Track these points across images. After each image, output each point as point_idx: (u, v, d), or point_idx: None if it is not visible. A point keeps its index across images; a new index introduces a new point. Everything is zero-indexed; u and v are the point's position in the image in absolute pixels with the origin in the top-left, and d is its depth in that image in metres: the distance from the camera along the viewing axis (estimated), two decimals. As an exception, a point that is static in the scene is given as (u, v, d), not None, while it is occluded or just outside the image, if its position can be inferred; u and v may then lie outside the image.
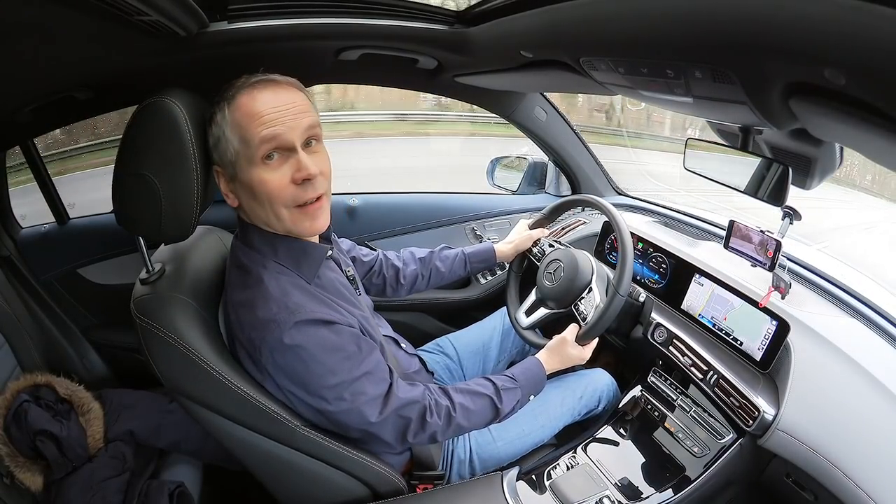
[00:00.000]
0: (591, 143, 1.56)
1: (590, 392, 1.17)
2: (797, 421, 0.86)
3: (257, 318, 0.72)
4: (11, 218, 1.41)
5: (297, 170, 0.72)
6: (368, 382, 0.77)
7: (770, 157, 0.78)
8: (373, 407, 0.78)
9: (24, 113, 1.04)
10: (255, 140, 0.70)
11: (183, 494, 1.06)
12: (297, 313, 0.71)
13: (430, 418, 0.83)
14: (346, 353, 0.75)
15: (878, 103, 0.42)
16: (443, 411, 0.86)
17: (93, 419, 1.13)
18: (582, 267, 1.06)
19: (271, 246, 0.77)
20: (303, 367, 0.72)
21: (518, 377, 0.96)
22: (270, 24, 0.90)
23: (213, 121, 0.74)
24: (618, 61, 0.69)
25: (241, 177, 0.73)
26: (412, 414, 0.82)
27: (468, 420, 0.88)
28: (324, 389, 0.74)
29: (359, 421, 0.78)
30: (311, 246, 0.80)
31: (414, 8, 0.94)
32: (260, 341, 0.71)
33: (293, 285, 0.75)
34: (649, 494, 0.97)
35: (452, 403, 0.87)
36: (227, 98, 0.73)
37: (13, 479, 1.00)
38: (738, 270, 1.07)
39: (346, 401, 0.75)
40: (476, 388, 0.92)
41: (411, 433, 0.82)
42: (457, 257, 1.22)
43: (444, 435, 0.86)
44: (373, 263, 1.15)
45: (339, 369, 0.74)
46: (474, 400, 0.90)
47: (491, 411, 0.91)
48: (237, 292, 0.76)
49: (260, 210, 0.75)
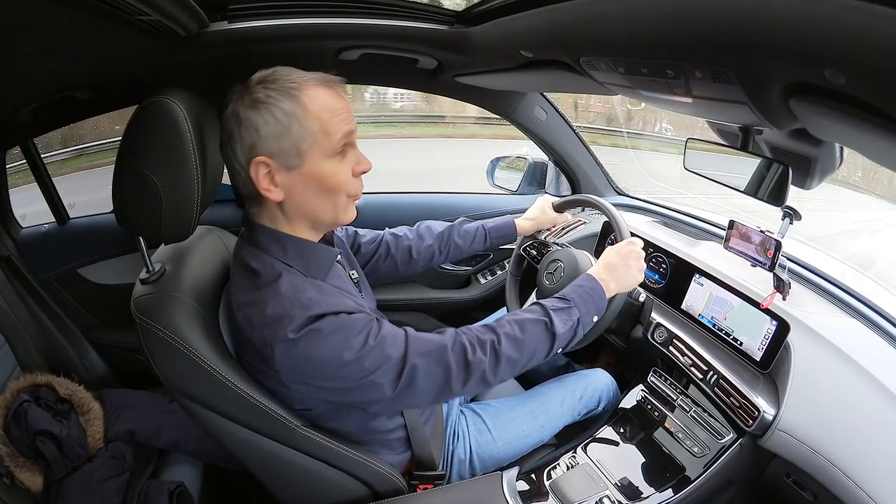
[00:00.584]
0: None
1: (590, 392, 1.17)
2: (797, 421, 0.86)
3: (268, 315, 0.70)
4: (11, 218, 1.41)
5: (358, 163, 0.77)
6: (388, 346, 0.73)
7: (770, 157, 0.78)
8: (398, 367, 0.73)
9: (24, 113, 1.05)
10: (337, 133, 0.73)
11: (183, 494, 1.06)
12: (311, 308, 0.70)
13: (472, 357, 0.76)
14: (361, 330, 0.73)
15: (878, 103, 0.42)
16: (487, 346, 0.78)
17: (93, 419, 1.13)
18: (582, 267, 1.06)
19: (281, 246, 0.76)
20: (318, 354, 0.70)
21: (569, 295, 0.88)
22: (270, 24, 0.90)
23: (265, 110, 0.70)
24: (618, 61, 0.69)
25: (308, 167, 0.72)
26: (448, 357, 0.75)
27: (519, 350, 0.80)
28: (344, 367, 0.71)
29: (390, 386, 0.73)
30: (320, 249, 0.80)
31: (414, 8, 0.94)
32: (272, 338, 0.70)
33: (305, 283, 0.74)
34: (649, 494, 0.97)
35: (497, 336, 0.80)
36: (287, 90, 0.70)
37: (13, 479, 1.00)
38: (738, 270, 1.07)
39: (369, 370, 0.72)
40: (523, 315, 0.84)
41: (457, 380, 0.76)
42: (477, 233, 1.19)
43: (495, 373, 0.78)
44: (377, 247, 1.12)
45: (355, 344, 0.71)
46: (522, 327, 0.82)
47: (545, 336, 0.83)
48: (245, 294, 0.75)
49: (318, 201, 0.75)
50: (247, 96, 0.71)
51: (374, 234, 1.13)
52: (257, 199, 0.75)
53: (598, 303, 0.89)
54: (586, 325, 0.87)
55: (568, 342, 0.86)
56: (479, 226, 1.20)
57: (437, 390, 0.76)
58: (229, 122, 0.72)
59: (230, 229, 0.99)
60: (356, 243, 1.10)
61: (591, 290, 0.89)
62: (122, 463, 1.10)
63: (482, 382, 0.79)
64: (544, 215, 1.23)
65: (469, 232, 1.19)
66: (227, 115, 0.72)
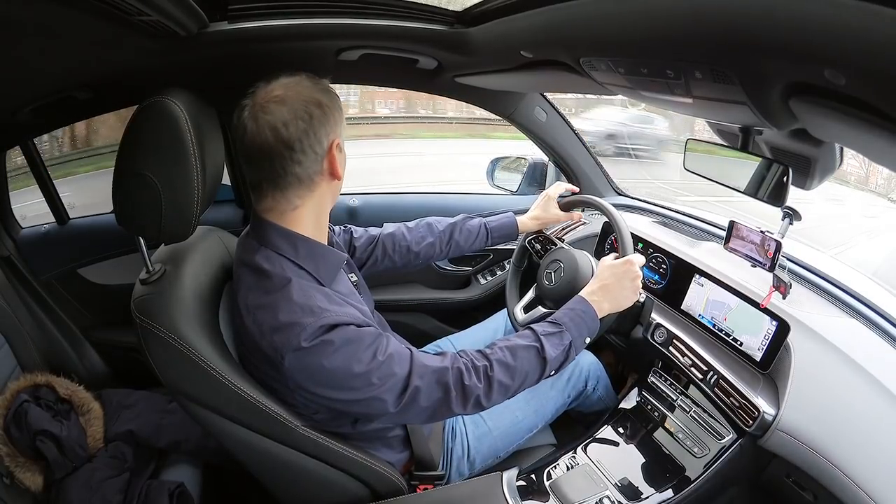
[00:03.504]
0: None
1: (577, 373, 1.18)
2: (797, 421, 0.86)
3: (280, 322, 0.71)
4: (11, 218, 1.41)
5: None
6: (395, 364, 0.75)
7: (770, 158, 0.79)
8: (402, 385, 0.75)
9: (24, 113, 1.04)
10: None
11: (183, 494, 1.06)
12: (322, 317, 0.71)
13: (468, 381, 0.78)
14: (370, 344, 0.74)
15: (878, 103, 0.42)
16: (480, 372, 0.80)
17: (93, 419, 1.13)
18: (582, 267, 1.06)
19: (292, 246, 0.77)
20: (329, 365, 0.71)
21: (560, 318, 0.88)
22: (271, 24, 0.90)
23: (334, 97, 0.77)
24: (618, 61, 0.69)
25: (344, 150, 0.80)
26: (448, 379, 0.77)
27: (511, 377, 0.82)
28: (352, 379, 0.72)
29: (393, 403, 0.75)
30: (329, 251, 0.81)
31: (414, 8, 0.94)
32: (283, 344, 0.71)
33: (315, 289, 0.75)
34: (649, 494, 0.97)
35: (490, 363, 0.81)
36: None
37: (13, 479, 1.00)
38: (738, 271, 1.07)
39: (375, 385, 0.73)
40: (515, 341, 0.85)
41: (456, 402, 0.78)
42: (479, 232, 1.19)
43: (488, 398, 0.80)
44: (373, 250, 1.12)
45: (365, 358, 0.72)
46: (514, 353, 0.83)
47: (536, 362, 0.84)
48: (255, 296, 0.75)
49: (334, 190, 0.82)
50: (313, 83, 0.76)
51: (369, 236, 1.13)
52: (310, 186, 0.77)
53: (591, 325, 0.89)
54: (578, 347, 0.88)
55: (560, 365, 0.86)
56: (481, 224, 1.20)
57: (436, 409, 0.78)
58: (309, 108, 0.73)
59: (230, 229, 0.99)
60: (351, 245, 1.10)
61: (583, 314, 0.89)
62: (122, 463, 1.10)
63: (477, 406, 0.80)
64: (548, 214, 1.22)
65: (471, 230, 1.18)
66: (303, 101, 0.73)
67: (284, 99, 0.72)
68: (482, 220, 1.20)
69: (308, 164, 0.75)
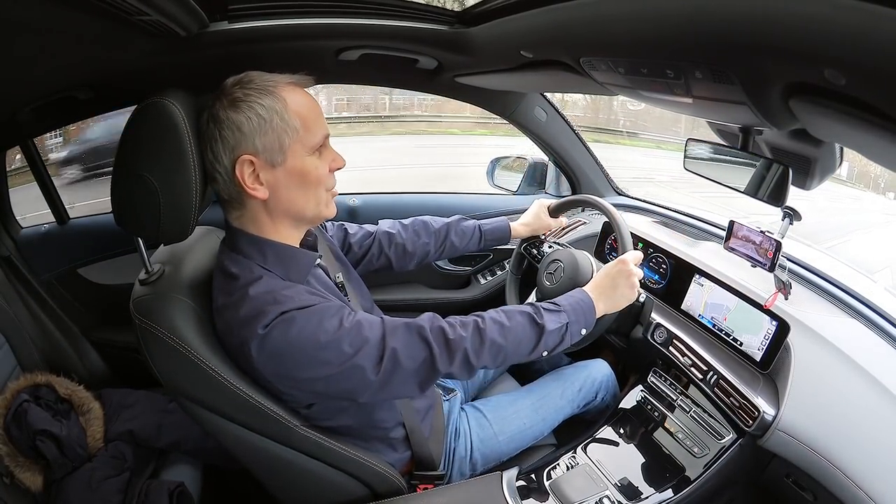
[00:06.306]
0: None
1: (589, 384, 1.18)
2: (797, 421, 0.86)
3: (241, 316, 0.71)
4: (11, 218, 1.41)
5: (334, 160, 0.80)
6: (364, 329, 0.74)
7: (770, 158, 0.78)
8: (378, 350, 0.74)
9: (24, 113, 1.04)
10: (319, 131, 0.76)
11: (183, 494, 1.06)
12: (284, 304, 0.70)
13: (451, 335, 0.77)
14: (334, 314, 0.73)
15: (878, 103, 0.42)
16: (469, 325, 0.79)
17: (93, 419, 1.13)
18: (582, 267, 1.06)
19: (261, 252, 0.76)
20: (294, 340, 0.70)
21: (560, 301, 0.88)
22: (270, 24, 0.90)
23: (246, 108, 0.71)
24: (618, 61, 0.69)
25: (290, 163, 0.74)
26: (427, 335, 0.76)
27: (503, 336, 0.80)
28: (322, 350, 0.71)
29: (372, 370, 0.73)
30: (300, 253, 0.80)
31: (414, 8, 0.94)
32: (247, 335, 0.70)
33: (282, 285, 0.75)
34: (649, 494, 0.97)
35: (482, 317, 0.81)
36: (265, 88, 0.72)
37: (13, 479, 1.00)
38: (738, 271, 1.07)
39: (348, 354, 0.71)
40: (512, 307, 0.85)
41: (441, 358, 0.76)
42: (473, 234, 1.19)
43: (478, 355, 0.78)
44: (370, 246, 1.11)
45: (330, 327, 0.71)
46: (510, 315, 0.82)
47: (532, 328, 0.82)
48: (222, 297, 0.75)
49: (301, 196, 0.77)
50: (224, 98, 0.72)
51: (365, 232, 1.12)
52: (240, 201, 0.76)
53: (588, 316, 0.89)
54: (574, 334, 0.87)
55: (555, 346, 0.85)
56: (475, 226, 1.20)
57: (423, 371, 0.76)
58: (208, 125, 0.73)
59: None
60: (346, 242, 1.10)
61: (581, 302, 0.89)
62: (122, 463, 1.10)
63: (466, 364, 0.78)
64: (539, 221, 1.23)
65: (465, 231, 1.19)
66: (203, 120, 0.73)
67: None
68: (476, 221, 1.21)
69: (222, 184, 0.75)
